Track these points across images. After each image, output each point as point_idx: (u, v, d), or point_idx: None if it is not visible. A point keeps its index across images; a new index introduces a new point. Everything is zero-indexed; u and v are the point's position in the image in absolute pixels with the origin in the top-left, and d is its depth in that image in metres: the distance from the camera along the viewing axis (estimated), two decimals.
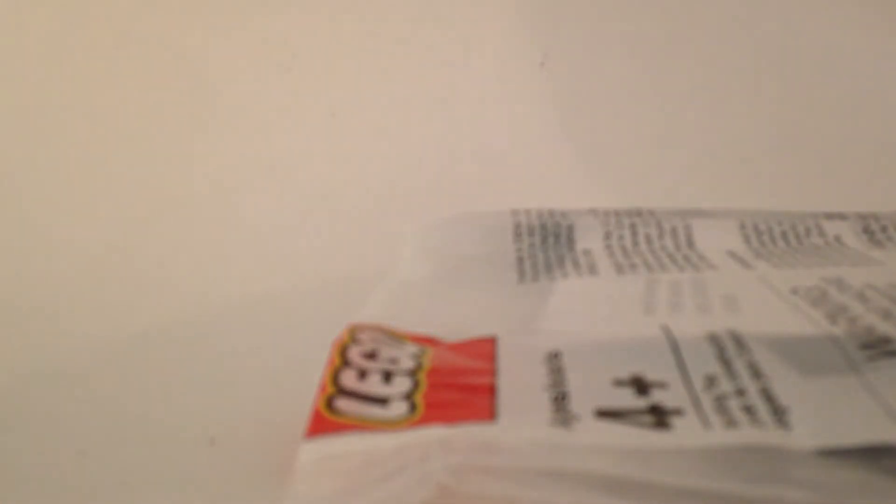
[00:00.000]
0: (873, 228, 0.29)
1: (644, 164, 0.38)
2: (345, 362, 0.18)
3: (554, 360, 0.18)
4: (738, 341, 0.18)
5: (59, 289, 0.28)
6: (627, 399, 0.16)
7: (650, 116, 0.40)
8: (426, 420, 0.16)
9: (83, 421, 0.19)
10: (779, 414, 0.15)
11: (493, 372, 0.18)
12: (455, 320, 0.21)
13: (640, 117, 0.40)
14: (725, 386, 0.17)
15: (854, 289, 0.22)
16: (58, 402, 0.20)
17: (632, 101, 0.40)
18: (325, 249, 0.31)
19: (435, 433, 0.15)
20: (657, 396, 0.16)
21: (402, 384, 0.17)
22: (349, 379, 0.17)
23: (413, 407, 0.16)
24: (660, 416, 0.16)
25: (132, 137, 0.38)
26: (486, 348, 0.19)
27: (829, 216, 0.30)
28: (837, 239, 0.29)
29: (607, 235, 0.29)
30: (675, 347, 0.19)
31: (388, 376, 0.18)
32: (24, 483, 0.17)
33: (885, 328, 0.19)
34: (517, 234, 0.29)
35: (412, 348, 0.19)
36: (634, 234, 0.29)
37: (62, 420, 0.19)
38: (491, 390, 0.17)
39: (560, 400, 0.16)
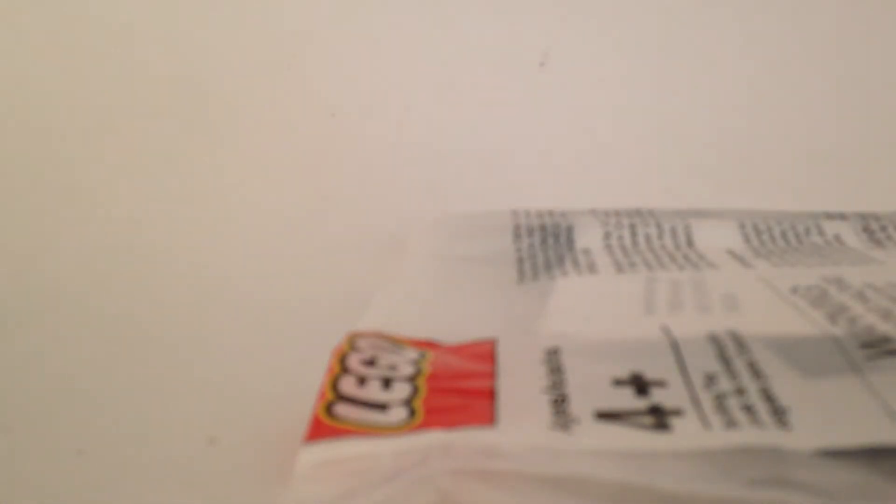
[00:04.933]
0: (873, 228, 0.29)
1: (644, 164, 0.38)
2: (344, 370, 0.18)
3: (553, 361, 0.18)
4: (738, 341, 0.18)
5: (59, 289, 0.28)
6: (627, 399, 0.16)
7: (650, 116, 0.40)
8: (426, 425, 0.16)
9: (83, 421, 0.19)
10: (779, 414, 0.15)
11: (492, 375, 0.18)
12: (455, 322, 0.21)
13: (640, 117, 0.40)
14: (725, 385, 0.17)
15: (854, 288, 0.22)
16: (58, 402, 0.20)
17: (632, 101, 0.40)
18: (324, 249, 0.31)
19: (434, 438, 0.15)
20: (657, 396, 0.16)
21: (401, 390, 0.17)
22: (348, 385, 0.17)
23: (412, 412, 0.16)
24: (659, 417, 0.16)
25: (131, 137, 0.38)
26: (486, 350, 0.19)
27: (829, 216, 0.30)
28: (837, 238, 0.29)
29: (607, 235, 0.29)
30: (674, 346, 0.19)
31: (387, 383, 0.18)
32: (24, 483, 0.17)
33: (885, 328, 0.19)
34: (517, 234, 0.29)
35: (412, 354, 0.19)
36: (634, 233, 0.29)
37: (62, 420, 0.19)
38: (490, 394, 0.17)
39: (560, 402, 0.16)
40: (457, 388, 0.17)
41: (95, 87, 0.39)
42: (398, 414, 0.16)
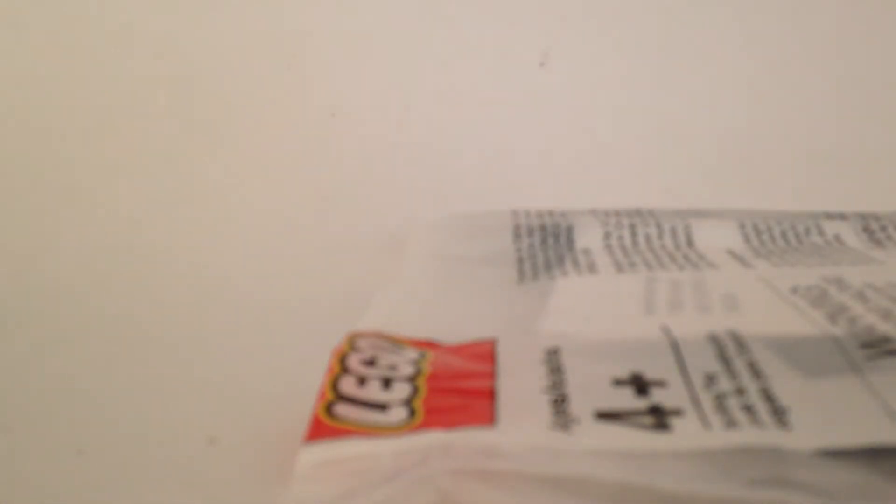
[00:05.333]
0: (873, 228, 0.29)
1: (644, 164, 0.38)
2: (344, 370, 0.18)
3: (553, 361, 0.18)
4: (738, 341, 0.18)
5: (59, 289, 0.28)
6: (627, 399, 0.16)
7: (650, 116, 0.40)
8: (426, 425, 0.16)
9: (83, 421, 0.19)
10: (779, 414, 0.15)
11: (492, 375, 0.18)
12: (455, 322, 0.21)
13: (640, 117, 0.40)
14: (725, 385, 0.17)
15: (854, 288, 0.22)
16: (58, 402, 0.20)
17: (632, 101, 0.40)
18: (324, 249, 0.31)
19: (434, 438, 0.15)
20: (657, 396, 0.16)
21: (401, 390, 0.17)
22: (348, 385, 0.17)
23: (412, 412, 0.16)
24: (659, 417, 0.16)
25: (131, 137, 0.38)
26: (485, 350, 0.19)
27: (829, 216, 0.30)
28: (837, 238, 0.29)
29: (607, 235, 0.29)
30: (674, 346, 0.19)
31: (387, 383, 0.18)
32: (24, 483, 0.17)
33: (885, 328, 0.19)
34: (517, 234, 0.29)
35: (412, 354, 0.19)
36: (634, 233, 0.29)
37: (62, 420, 0.19)
38: (490, 394, 0.17)
39: (560, 402, 0.16)
40: (457, 388, 0.17)
41: (95, 86, 0.39)
42: (398, 414, 0.16)
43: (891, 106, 0.40)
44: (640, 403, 0.16)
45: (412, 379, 0.18)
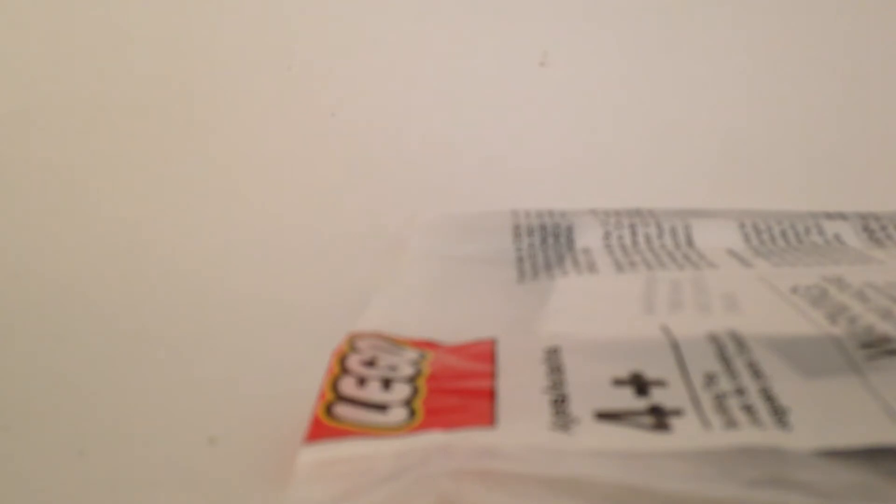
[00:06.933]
0: (873, 228, 0.29)
1: (644, 164, 0.38)
2: (344, 370, 0.18)
3: (553, 360, 0.18)
4: (738, 341, 0.18)
5: (59, 289, 0.28)
6: (627, 399, 0.16)
7: (650, 116, 0.40)
8: (426, 426, 0.16)
9: (83, 421, 0.19)
10: (779, 414, 0.15)
11: (492, 375, 0.18)
12: (455, 322, 0.21)
13: (640, 117, 0.40)
14: (725, 384, 0.17)
15: (854, 288, 0.22)
16: (58, 402, 0.20)
17: (632, 101, 0.40)
18: (324, 249, 0.31)
19: (434, 439, 0.15)
20: (657, 396, 0.16)
21: (401, 391, 0.17)
22: (348, 386, 0.17)
23: (412, 413, 0.16)
24: (659, 417, 0.16)
25: (131, 137, 0.38)
26: (485, 350, 0.19)
27: (829, 215, 0.30)
28: (837, 238, 0.29)
29: (607, 235, 0.29)
30: (674, 346, 0.19)
31: (387, 383, 0.18)
32: (24, 483, 0.17)
33: (884, 327, 0.19)
34: (517, 234, 0.29)
35: (412, 354, 0.19)
36: (634, 233, 0.29)
37: (62, 420, 0.19)
38: (490, 394, 0.17)
39: (560, 402, 0.16)
40: (456, 389, 0.17)
41: (97, 87, 0.39)
42: (398, 414, 0.16)
43: (891, 106, 0.40)
44: (640, 403, 0.16)
45: (412, 379, 0.18)
